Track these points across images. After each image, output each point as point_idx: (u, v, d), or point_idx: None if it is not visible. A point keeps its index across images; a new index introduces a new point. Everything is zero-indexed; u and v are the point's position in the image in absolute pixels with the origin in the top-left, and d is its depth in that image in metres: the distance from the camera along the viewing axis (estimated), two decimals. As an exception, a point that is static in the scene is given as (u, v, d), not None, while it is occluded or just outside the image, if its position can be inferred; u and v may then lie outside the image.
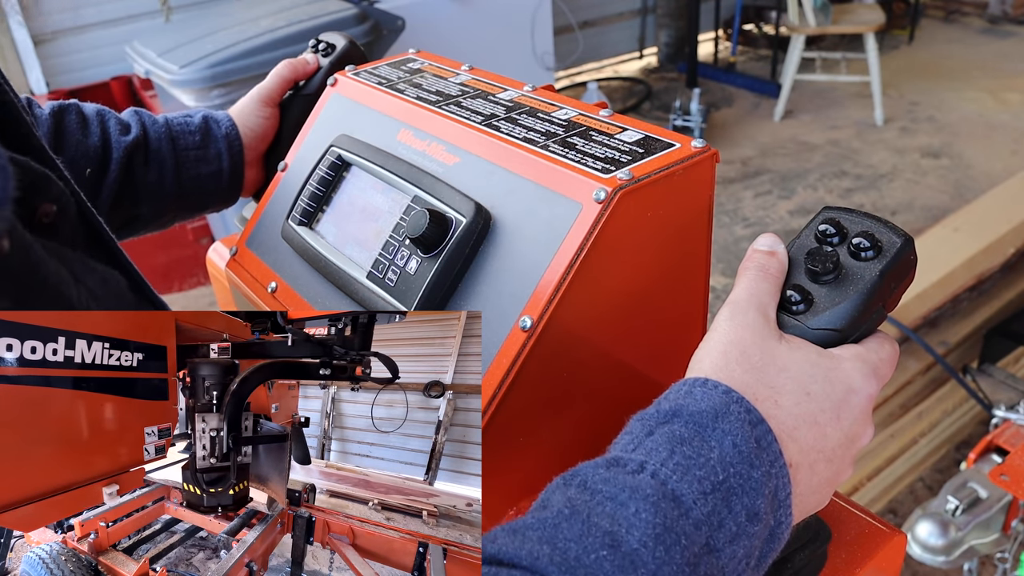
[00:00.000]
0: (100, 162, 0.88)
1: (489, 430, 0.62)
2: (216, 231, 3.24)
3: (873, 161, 4.29)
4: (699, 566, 0.43)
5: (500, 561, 0.41)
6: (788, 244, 0.58)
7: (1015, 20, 6.18)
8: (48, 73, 3.83)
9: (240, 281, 0.88)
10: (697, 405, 0.48)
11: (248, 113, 0.96)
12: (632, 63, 5.91)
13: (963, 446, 2.44)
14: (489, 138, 0.71)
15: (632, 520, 0.42)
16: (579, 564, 0.40)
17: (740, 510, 0.45)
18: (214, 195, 0.95)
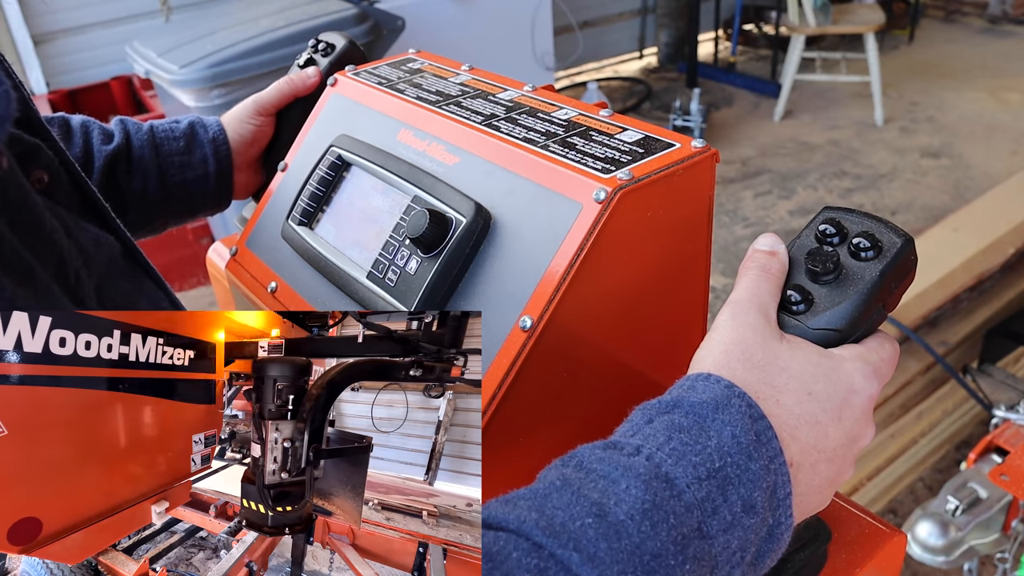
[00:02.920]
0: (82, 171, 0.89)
1: (489, 430, 0.62)
2: (216, 231, 3.25)
3: (873, 161, 4.29)
4: (688, 548, 0.43)
5: (490, 525, 0.42)
6: (789, 244, 0.58)
7: (1015, 20, 6.18)
8: (48, 73, 3.84)
9: (240, 281, 0.88)
10: (698, 396, 0.48)
11: (240, 119, 0.96)
12: (632, 63, 5.91)
13: (963, 446, 2.44)
14: (489, 138, 0.71)
15: (622, 495, 0.43)
16: (564, 529, 0.41)
17: (736, 500, 0.45)
18: (202, 200, 0.95)
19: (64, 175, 0.61)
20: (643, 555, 0.41)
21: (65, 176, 0.62)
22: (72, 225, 0.57)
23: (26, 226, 0.50)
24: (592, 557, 0.41)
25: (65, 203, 0.59)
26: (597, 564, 0.40)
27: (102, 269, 0.59)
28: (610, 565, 0.41)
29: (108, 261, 0.60)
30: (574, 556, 0.40)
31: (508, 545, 0.40)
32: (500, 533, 0.41)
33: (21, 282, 0.48)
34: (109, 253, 0.61)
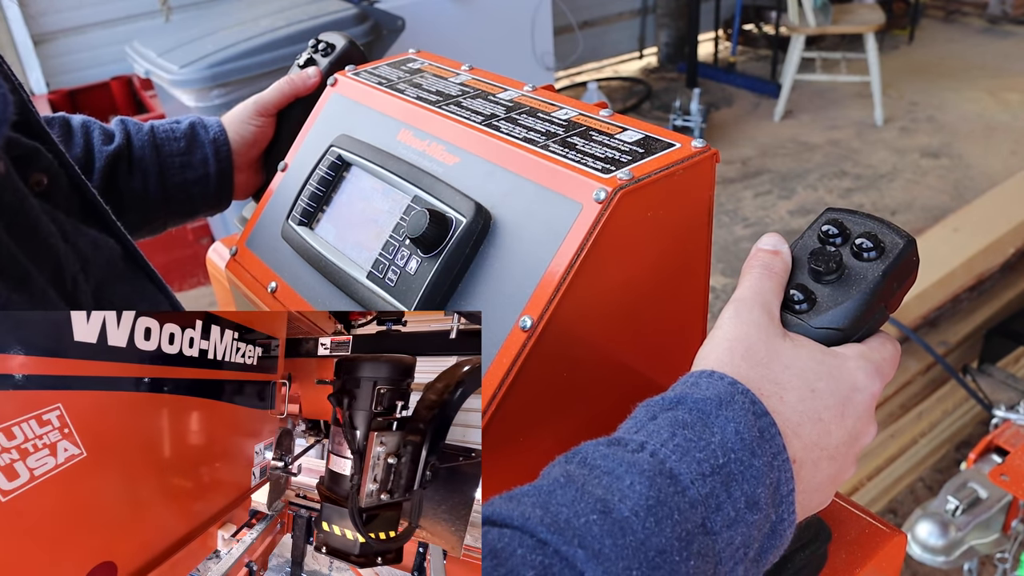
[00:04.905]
0: (83, 171, 0.88)
1: (489, 430, 0.62)
2: (216, 231, 3.25)
3: (873, 161, 4.29)
4: (692, 544, 0.43)
5: (493, 522, 0.42)
6: (791, 244, 0.58)
7: (1015, 20, 6.18)
8: (48, 73, 3.83)
9: (240, 281, 0.88)
10: (702, 393, 0.48)
11: (241, 120, 0.96)
12: (632, 63, 5.91)
13: (963, 446, 2.44)
14: (489, 138, 0.71)
15: (626, 491, 0.43)
16: (568, 526, 0.41)
17: (739, 496, 0.45)
18: (202, 200, 0.95)
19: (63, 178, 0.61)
20: (647, 551, 0.41)
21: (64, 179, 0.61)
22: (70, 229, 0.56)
23: (22, 230, 0.50)
24: (597, 553, 0.41)
25: (64, 206, 0.59)
26: (602, 560, 0.40)
27: (101, 273, 0.59)
28: (615, 561, 0.41)
29: (107, 264, 0.60)
30: (579, 553, 0.40)
31: (512, 542, 0.40)
32: (504, 530, 0.41)
33: (16, 287, 0.48)
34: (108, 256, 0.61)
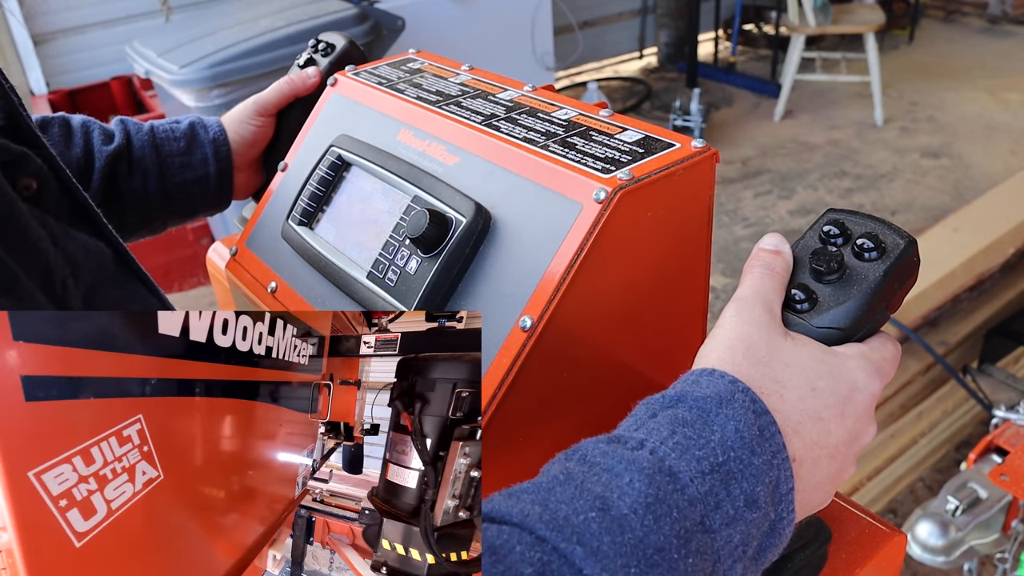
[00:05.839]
0: (83, 172, 0.89)
1: (489, 430, 0.62)
2: (216, 231, 3.25)
3: (873, 161, 4.28)
4: (691, 541, 0.43)
5: (492, 519, 0.42)
6: (793, 244, 0.58)
7: (1015, 20, 6.18)
8: (48, 73, 3.83)
9: (240, 281, 0.88)
10: (702, 391, 0.49)
11: (240, 120, 0.96)
12: (632, 63, 5.90)
13: (963, 446, 2.44)
14: (489, 138, 0.71)
15: (625, 489, 0.43)
16: (567, 523, 0.41)
17: (739, 494, 0.45)
18: (202, 200, 0.95)
19: (54, 182, 0.61)
20: (646, 549, 0.42)
21: (55, 183, 0.61)
22: (60, 233, 0.56)
23: (11, 235, 0.50)
24: (596, 551, 0.41)
25: (54, 211, 0.59)
26: (601, 558, 0.40)
27: (91, 277, 0.59)
28: (613, 559, 0.41)
29: (98, 268, 0.60)
30: (578, 550, 0.40)
31: (511, 539, 0.40)
32: (503, 527, 0.41)
33: (4, 292, 0.48)
34: (99, 260, 0.61)
